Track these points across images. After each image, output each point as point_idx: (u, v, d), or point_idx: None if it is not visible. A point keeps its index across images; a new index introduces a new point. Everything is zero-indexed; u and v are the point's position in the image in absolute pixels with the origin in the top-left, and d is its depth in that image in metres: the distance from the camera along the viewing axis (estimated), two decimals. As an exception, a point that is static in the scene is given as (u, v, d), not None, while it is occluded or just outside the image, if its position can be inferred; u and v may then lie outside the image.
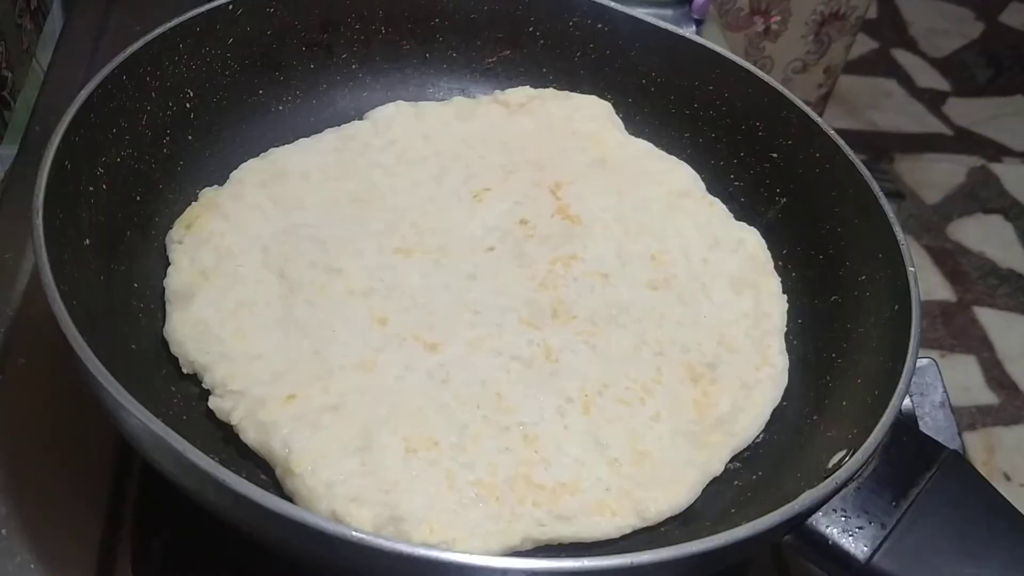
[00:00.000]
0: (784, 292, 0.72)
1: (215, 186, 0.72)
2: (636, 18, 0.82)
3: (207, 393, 0.61)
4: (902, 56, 2.81)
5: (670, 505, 0.59)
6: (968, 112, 2.64)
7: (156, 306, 0.65)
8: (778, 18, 1.80)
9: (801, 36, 1.85)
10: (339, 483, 0.55)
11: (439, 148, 0.79)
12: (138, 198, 0.68)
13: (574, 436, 0.60)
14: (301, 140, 0.77)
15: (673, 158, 0.81)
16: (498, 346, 0.64)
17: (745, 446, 0.64)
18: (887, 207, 0.67)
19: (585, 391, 0.63)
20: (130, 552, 0.61)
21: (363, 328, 0.64)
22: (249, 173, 0.73)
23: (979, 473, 0.55)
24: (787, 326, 0.70)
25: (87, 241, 0.61)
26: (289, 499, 0.55)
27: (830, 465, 0.56)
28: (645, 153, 0.81)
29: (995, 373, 2.01)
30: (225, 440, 0.60)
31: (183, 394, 0.62)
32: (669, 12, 1.09)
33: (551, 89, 0.85)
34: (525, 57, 0.86)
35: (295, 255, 0.68)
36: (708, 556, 0.48)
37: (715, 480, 0.62)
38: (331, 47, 0.82)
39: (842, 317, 0.68)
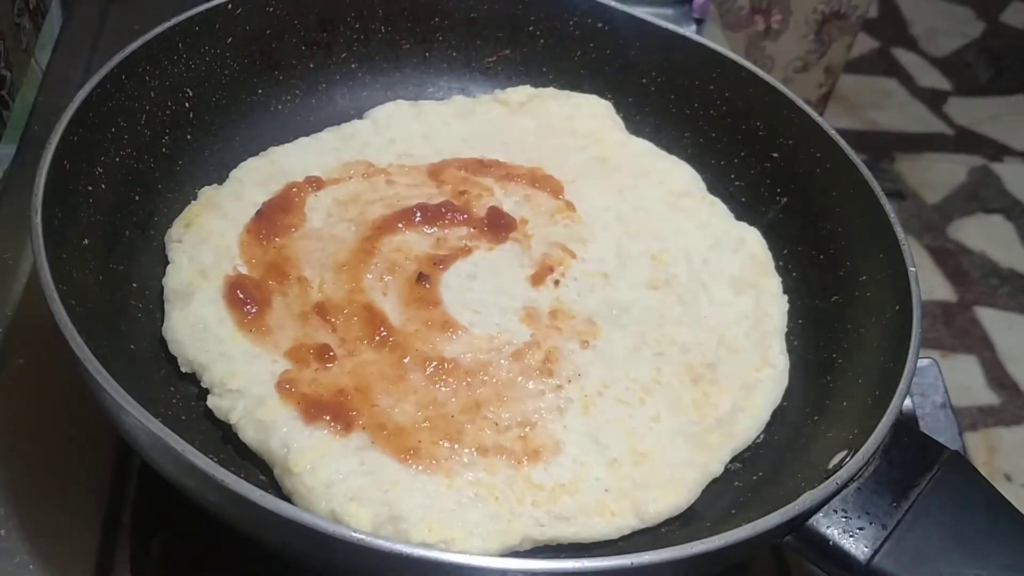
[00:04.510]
0: (785, 292, 0.72)
1: (214, 185, 0.72)
2: (636, 17, 0.82)
3: (206, 393, 0.61)
4: (903, 55, 2.80)
5: (669, 506, 0.59)
6: (969, 111, 2.64)
7: (155, 305, 0.65)
8: (779, 17, 1.80)
9: (802, 35, 1.85)
10: (338, 482, 0.55)
11: (439, 147, 0.78)
12: (137, 197, 0.68)
13: (574, 436, 0.60)
14: (301, 139, 0.77)
15: (674, 157, 0.81)
16: (498, 345, 0.64)
17: (745, 447, 0.64)
18: (888, 207, 0.67)
19: (585, 391, 0.63)
20: (129, 552, 0.61)
21: (362, 328, 0.64)
22: (249, 172, 0.73)
23: (980, 474, 0.55)
24: (788, 326, 0.70)
25: (86, 241, 0.61)
26: (288, 499, 0.55)
27: (831, 466, 0.56)
28: (645, 152, 0.81)
29: (996, 373, 2.01)
30: (224, 440, 0.60)
31: (182, 394, 0.62)
32: (669, 11, 1.09)
33: (551, 88, 0.85)
34: (525, 56, 0.86)
35: (294, 254, 0.68)
36: (708, 557, 0.48)
37: (715, 481, 0.61)
38: (330, 46, 0.82)
39: (843, 317, 0.68)
